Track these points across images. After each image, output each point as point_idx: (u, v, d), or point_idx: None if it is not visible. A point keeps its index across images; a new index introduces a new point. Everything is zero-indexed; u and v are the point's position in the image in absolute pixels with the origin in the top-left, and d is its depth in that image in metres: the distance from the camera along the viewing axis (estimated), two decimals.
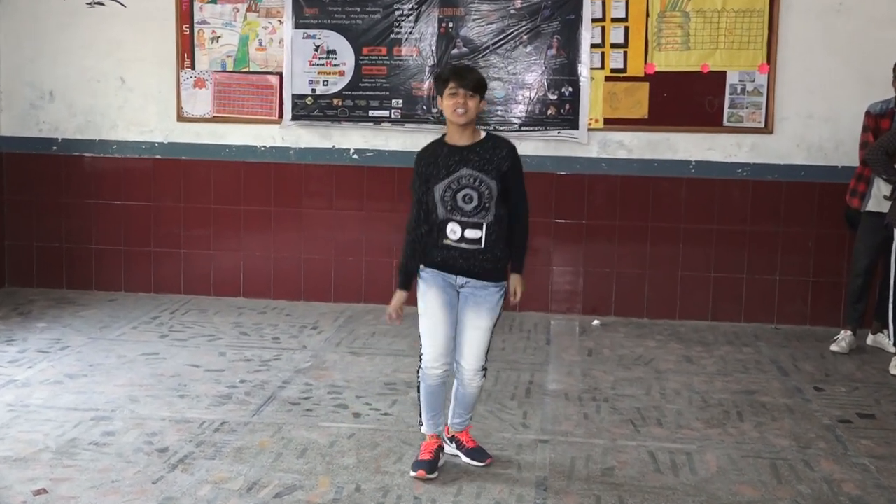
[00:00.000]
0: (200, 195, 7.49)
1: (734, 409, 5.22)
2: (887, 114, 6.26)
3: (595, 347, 6.40)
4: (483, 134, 4.14)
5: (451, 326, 4.15)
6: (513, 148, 4.13)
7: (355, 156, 7.34)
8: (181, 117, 7.43)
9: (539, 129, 7.08)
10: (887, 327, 6.19)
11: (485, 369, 4.24)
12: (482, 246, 4.05)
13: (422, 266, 4.17)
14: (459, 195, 4.02)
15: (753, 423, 5.00)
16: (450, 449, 4.41)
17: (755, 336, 6.81)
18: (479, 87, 4.03)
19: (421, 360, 4.21)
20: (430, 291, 4.14)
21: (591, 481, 4.19)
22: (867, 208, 6.37)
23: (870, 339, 6.60)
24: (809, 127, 6.92)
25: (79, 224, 7.60)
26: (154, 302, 7.36)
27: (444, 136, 4.17)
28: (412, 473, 4.18)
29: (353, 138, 7.33)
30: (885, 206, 6.14)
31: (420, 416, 4.33)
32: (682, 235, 7.12)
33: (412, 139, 7.25)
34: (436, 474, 4.19)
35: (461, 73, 4.04)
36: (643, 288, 7.19)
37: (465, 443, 4.38)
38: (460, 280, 4.11)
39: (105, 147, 7.54)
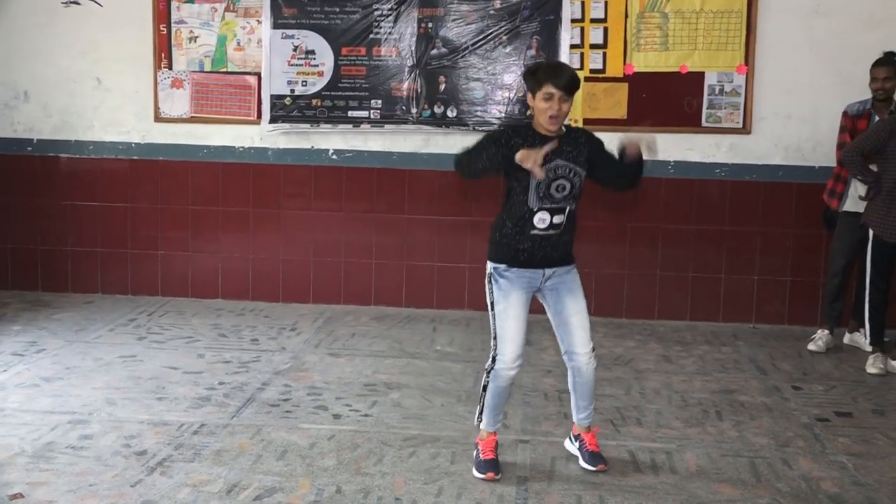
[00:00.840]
0: (178, 196, 7.46)
1: (713, 408, 5.26)
2: (864, 114, 6.31)
3: None
4: (564, 128, 4.13)
5: (526, 326, 4.18)
6: (590, 134, 4.23)
7: (334, 156, 7.34)
8: (158, 118, 7.40)
9: None
10: (864, 326, 6.25)
11: (594, 350, 4.29)
12: (561, 230, 4.13)
13: (503, 265, 4.14)
14: (554, 185, 4.03)
15: (732, 422, 5.04)
16: (571, 447, 4.45)
17: (733, 335, 6.86)
18: (574, 87, 4.01)
19: (494, 360, 4.16)
20: (514, 293, 4.13)
21: (572, 481, 4.21)
22: (844, 208, 6.43)
23: (847, 338, 6.66)
24: (787, 127, 6.97)
25: (54, 226, 7.56)
26: (131, 304, 7.33)
27: (530, 122, 4.14)
28: (479, 475, 4.19)
29: (332, 139, 7.32)
30: (862, 207, 6.20)
31: (480, 415, 4.29)
32: (661, 236, 7.16)
33: (391, 140, 7.26)
34: (501, 474, 4.21)
35: (558, 73, 4.00)
36: (622, 288, 7.22)
37: (588, 444, 4.36)
38: (547, 272, 4.16)
39: (81, 148, 7.50)
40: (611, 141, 7.02)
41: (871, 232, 5.96)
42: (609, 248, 7.19)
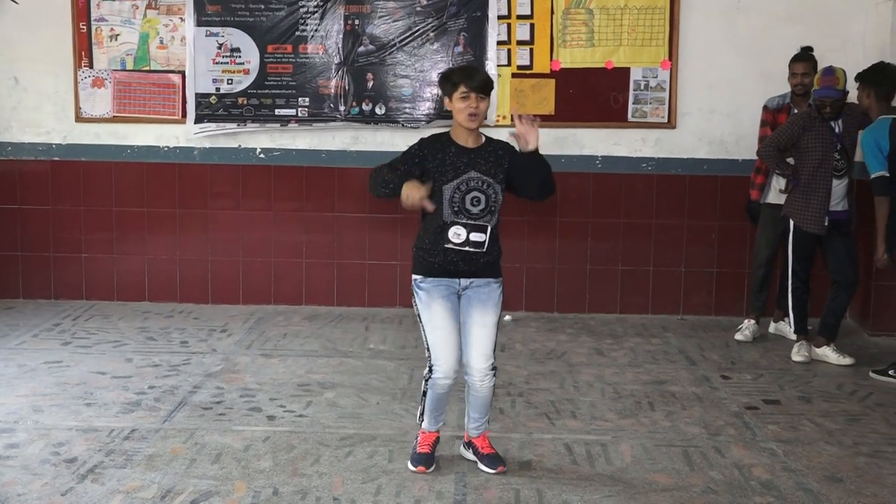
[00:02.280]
0: (102, 198, 7.31)
1: (645, 399, 5.33)
2: (784, 108, 6.46)
3: (507, 343, 6.45)
4: (483, 138, 4.13)
5: (457, 333, 4.12)
6: (510, 147, 4.13)
7: (262, 155, 7.26)
8: (80, 118, 7.23)
9: (447, 127, 7.07)
10: (788, 316, 6.39)
11: (494, 368, 4.16)
12: (484, 249, 4.06)
13: (420, 276, 4.11)
14: (468, 197, 4.02)
15: (664, 412, 5.11)
16: (466, 454, 4.39)
17: (663, 327, 6.96)
18: (488, 87, 4.02)
19: (431, 369, 4.12)
20: (434, 303, 4.08)
21: (510, 475, 4.22)
22: (766, 200, 6.57)
23: (772, 328, 6.80)
24: (711, 122, 7.10)
25: None
26: (55, 308, 7.16)
27: (448, 132, 4.14)
28: (412, 468, 4.23)
29: (259, 138, 7.24)
30: (783, 199, 6.34)
31: (421, 416, 4.29)
32: (590, 230, 7.23)
33: (319, 138, 7.21)
34: (433, 468, 4.24)
35: (470, 75, 4.01)
36: (553, 282, 7.28)
37: (480, 448, 4.31)
38: (463, 282, 4.11)
39: None
40: (540, 137, 7.10)
41: (791, 223, 6.10)
42: (539, 243, 7.24)
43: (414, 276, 4.15)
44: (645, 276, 7.26)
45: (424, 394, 4.21)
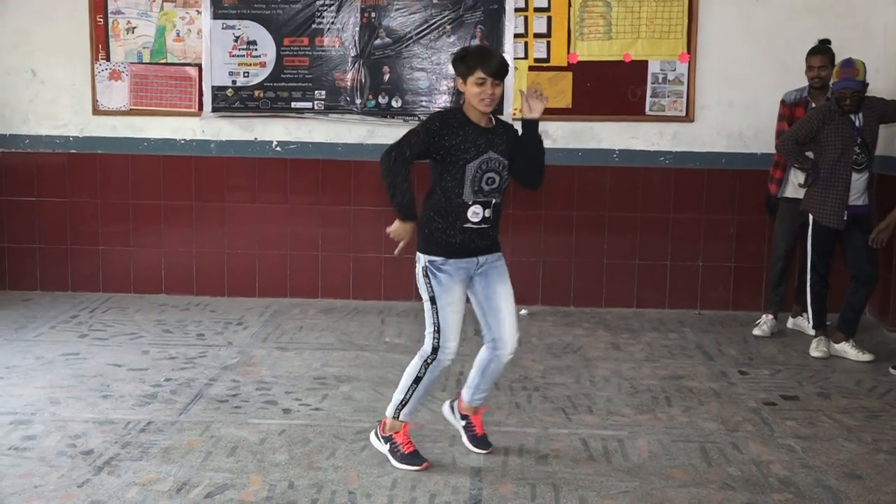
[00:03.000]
0: (118, 190, 7.33)
1: (662, 394, 5.30)
2: (801, 102, 6.41)
3: (524, 336, 6.40)
4: (493, 119, 4.15)
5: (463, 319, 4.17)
6: (513, 128, 4.20)
7: (278, 148, 7.26)
8: (97, 110, 7.25)
9: None
10: (806, 311, 6.35)
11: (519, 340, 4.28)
12: (491, 224, 4.13)
13: (440, 258, 4.06)
14: (485, 178, 4.03)
15: (682, 407, 5.08)
16: (452, 419, 4.48)
17: (680, 322, 6.93)
18: (504, 72, 3.99)
19: (436, 351, 4.07)
20: (456, 286, 4.08)
21: (526, 470, 4.21)
22: (784, 195, 6.52)
23: (790, 323, 6.76)
24: (729, 115, 7.06)
25: None
26: (72, 301, 7.18)
27: (461, 108, 4.10)
28: (415, 468, 4.16)
29: (275, 130, 7.24)
30: (801, 193, 6.29)
31: (401, 407, 4.19)
32: (607, 224, 7.20)
33: (336, 130, 7.20)
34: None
35: (486, 60, 3.97)
36: (569, 276, 7.26)
37: (475, 426, 4.40)
38: (480, 260, 4.14)
39: (16, 142, 7.32)
40: (555, 129, 7.09)
41: (810, 217, 6.05)
42: (555, 237, 7.22)
43: (431, 258, 4.09)
44: (662, 271, 7.22)
45: (418, 380, 4.14)
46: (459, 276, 4.10)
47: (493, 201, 4.10)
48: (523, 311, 7.03)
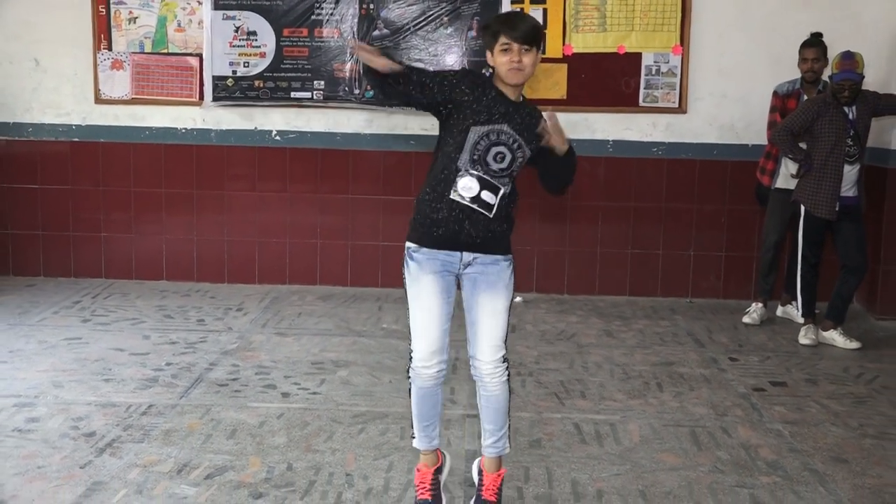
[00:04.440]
0: (120, 178, 7.32)
1: (654, 380, 5.32)
2: (794, 94, 6.41)
3: (518, 323, 6.45)
4: (522, 97, 3.46)
5: (446, 318, 3.43)
6: (544, 119, 3.42)
7: (277, 137, 7.25)
8: (99, 99, 7.24)
9: None
10: (796, 299, 6.36)
11: (506, 361, 3.47)
12: (491, 214, 3.38)
13: (414, 245, 3.44)
14: (493, 150, 3.34)
15: (672, 393, 5.10)
16: (475, 473, 3.74)
17: (671, 310, 6.95)
18: (535, 38, 3.33)
19: (411, 357, 3.48)
20: (424, 277, 3.39)
21: (520, 453, 4.22)
22: (776, 185, 6.53)
23: (779, 311, 6.78)
24: (721, 107, 7.06)
25: None
26: (75, 286, 7.19)
27: (492, 75, 3.42)
28: None
29: (275, 120, 7.23)
30: (792, 184, 6.30)
31: (412, 427, 3.62)
32: (601, 213, 7.21)
33: (334, 120, 7.20)
34: None
35: (513, 24, 3.32)
36: (563, 265, 7.27)
37: (483, 490, 3.58)
38: (466, 257, 3.41)
39: (20, 130, 7.31)
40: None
41: (802, 208, 6.06)
42: (550, 226, 7.23)
43: (408, 244, 3.46)
44: (654, 260, 7.24)
45: (410, 392, 3.56)
46: (431, 268, 3.40)
47: (501, 188, 3.38)
48: (518, 299, 7.04)
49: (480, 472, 3.64)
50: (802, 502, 3.81)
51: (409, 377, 3.52)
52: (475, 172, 3.34)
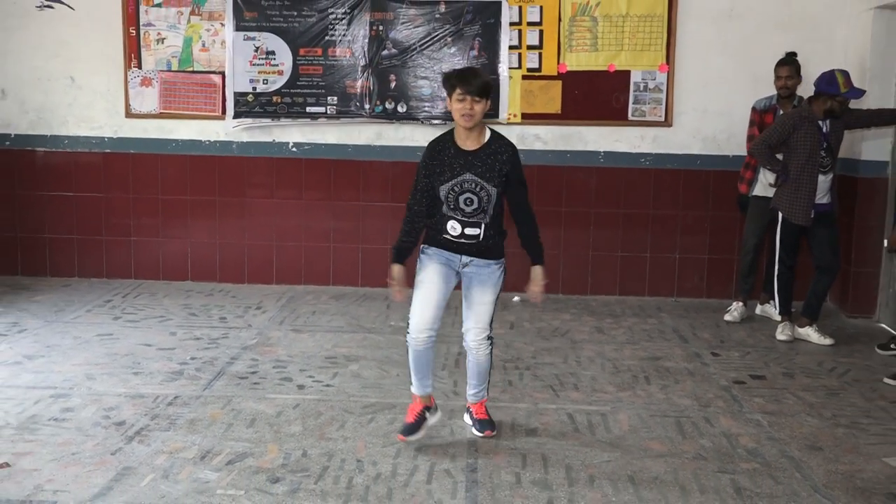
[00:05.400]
0: (149, 186, 7.32)
1: (642, 373, 5.30)
2: (771, 109, 6.40)
3: (516, 321, 6.44)
4: (488, 134, 3.99)
5: (443, 297, 4.05)
6: (513, 150, 4.00)
7: (294, 149, 7.24)
8: (129, 114, 7.24)
9: None
10: (773, 299, 6.33)
11: (490, 339, 4.15)
12: (479, 240, 4.00)
13: (427, 245, 4.09)
14: (461, 198, 3.92)
15: (659, 385, 5.09)
16: (467, 420, 4.37)
17: (658, 308, 6.92)
18: (484, 90, 3.87)
19: (408, 327, 4.08)
20: (430, 265, 4.05)
21: (517, 441, 4.21)
22: (754, 193, 6.51)
23: (758, 310, 6.76)
24: (704, 121, 7.04)
25: (33, 215, 7.37)
26: (106, 287, 7.18)
27: (452, 131, 4.03)
28: (398, 434, 4.17)
29: (291, 133, 7.22)
30: (769, 192, 6.30)
31: (410, 379, 4.22)
32: (593, 219, 7.19)
33: (347, 133, 7.19)
34: (417, 436, 4.14)
35: (466, 79, 3.86)
36: (558, 267, 7.24)
37: (475, 413, 4.30)
38: (464, 259, 4.04)
39: (56, 142, 7.31)
40: (546, 133, 7.08)
41: (780, 215, 6.04)
42: (545, 231, 7.04)
43: (423, 245, 4.12)
44: (642, 262, 7.22)
45: (408, 352, 4.16)
46: (438, 259, 4.05)
47: (482, 223, 3.96)
48: (516, 299, 7.03)
49: (469, 411, 4.34)
50: (780, 487, 3.79)
51: (408, 342, 4.09)
52: (455, 216, 3.97)
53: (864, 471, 3.98)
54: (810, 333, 6.05)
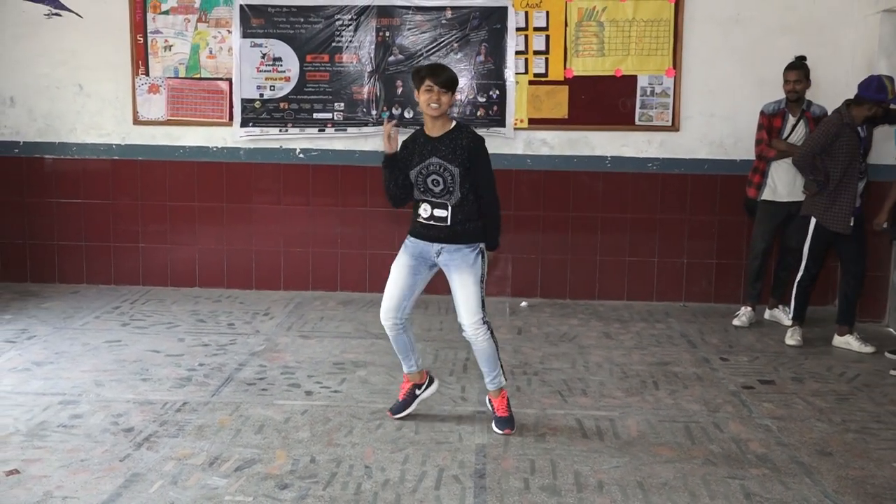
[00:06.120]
0: (157, 193, 7.33)
1: (650, 378, 5.29)
2: (779, 113, 6.38)
3: (524, 326, 6.43)
4: (453, 124, 4.26)
5: (407, 287, 4.29)
6: (476, 137, 4.23)
7: (301, 155, 7.25)
8: (137, 121, 7.25)
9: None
10: (781, 303, 6.30)
11: (486, 323, 4.27)
12: (448, 223, 4.21)
13: (408, 235, 4.35)
14: (429, 180, 4.20)
15: (668, 390, 5.07)
16: (488, 408, 4.52)
17: (666, 313, 6.90)
18: (450, 83, 4.16)
19: None
20: (402, 257, 4.33)
21: (526, 447, 4.20)
22: (763, 197, 6.49)
23: (767, 314, 6.73)
24: (711, 125, 7.02)
25: (41, 221, 7.39)
26: (115, 293, 7.19)
27: (423, 126, 4.31)
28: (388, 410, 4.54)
29: (298, 139, 7.23)
30: (778, 196, 6.29)
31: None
32: (600, 224, 7.18)
33: (354, 139, 7.19)
34: (405, 413, 4.49)
35: (435, 72, 4.16)
36: (565, 272, 7.23)
37: (496, 410, 4.42)
38: (436, 247, 4.25)
39: (65, 149, 7.33)
40: (553, 138, 7.07)
41: (812, 221, 5.95)
42: (553, 236, 7.20)
43: (407, 236, 4.40)
44: (650, 267, 7.20)
45: None
46: (411, 250, 4.31)
47: (448, 205, 4.20)
48: (523, 304, 7.03)
49: (490, 402, 4.44)
50: (790, 493, 3.77)
51: None
52: (425, 198, 4.25)
53: (875, 476, 3.96)
54: (851, 342, 5.98)
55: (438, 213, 4.22)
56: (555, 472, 3.94)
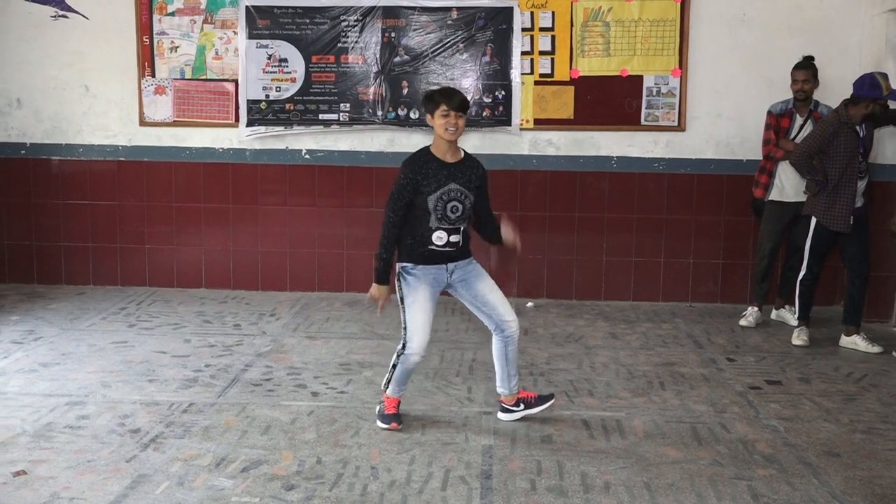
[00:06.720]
0: (163, 194, 7.34)
1: (657, 379, 5.27)
2: (787, 113, 6.36)
3: (530, 327, 6.42)
4: (462, 153, 4.32)
5: (432, 319, 4.30)
6: (483, 169, 4.39)
7: (307, 156, 7.25)
8: (143, 122, 7.26)
9: (475, 130, 7.07)
10: (788, 303, 6.28)
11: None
12: (459, 246, 4.30)
13: (410, 264, 4.26)
14: (448, 206, 4.20)
15: (674, 391, 5.06)
16: (514, 415, 4.52)
17: (672, 313, 6.89)
18: (464, 106, 4.20)
19: (405, 346, 4.26)
20: (420, 287, 4.25)
21: (532, 448, 4.20)
22: (770, 197, 6.47)
23: (774, 314, 6.72)
24: (718, 125, 7.01)
25: (48, 223, 7.40)
26: (121, 294, 7.20)
27: (427, 148, 4.29)
28: (383, 426, 4.38)
29: (304, 140, 7.23)
30: (785, 196, 6.28)
31: (387, 384, 4.41)
32: (606, 224, 7.17)
33: (359, 140, 7.19)
34: (402, 424, 4.43)
35: (450, 95, 4.20)
36: (571, 272, 7.23)
37: (528, 396, 4.54)
38: (449, 267, 4.29)
39: (71, 150, 7.35)
40: (559, 138, 7.07)
41: (813, 220, 5.94)
42: (559, 236, 7.19)
43: (403, 264, 4.29)
44: (656, 267, 7.19)
45: (394, 366, 4.34)
46: (427, 280, 4.26)
47: (462, 227, 4.27)
48: (530, 304, 7.02)
49: (518, 403, 4.52)
50: (797, 493, 3.76)
51: (398, 358, 4.30)
52: (442, 226, 4.22)
53: (883, 477, 3.95)
54: (858, 342, 5.96)
55: (454, 238, 4.25)
56: (561, 472, 3.93)
